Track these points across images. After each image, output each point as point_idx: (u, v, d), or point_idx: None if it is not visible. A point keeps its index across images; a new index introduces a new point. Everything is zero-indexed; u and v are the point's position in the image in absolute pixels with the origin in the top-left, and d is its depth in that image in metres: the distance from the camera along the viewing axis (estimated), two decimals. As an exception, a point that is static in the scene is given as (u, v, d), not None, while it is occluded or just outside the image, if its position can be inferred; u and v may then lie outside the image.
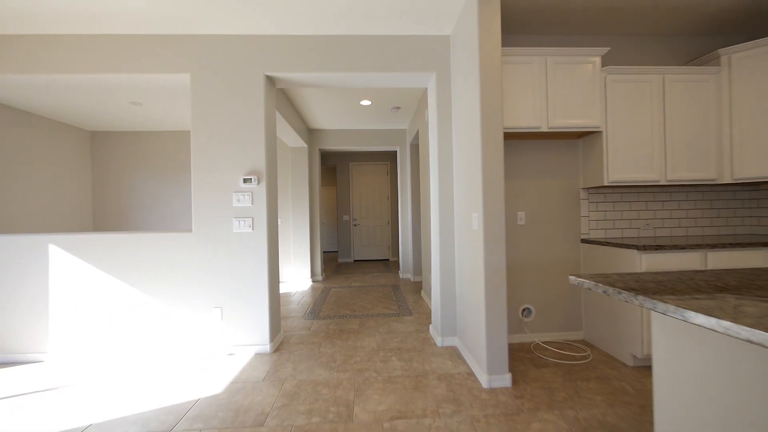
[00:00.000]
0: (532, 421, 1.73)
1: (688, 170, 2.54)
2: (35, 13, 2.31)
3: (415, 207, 5.39)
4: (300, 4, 2.29)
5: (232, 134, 2.66)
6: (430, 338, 2.92)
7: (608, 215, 2.79)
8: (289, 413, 1.85)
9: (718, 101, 2.54)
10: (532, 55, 2.43)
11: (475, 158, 2.20)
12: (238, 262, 2.66)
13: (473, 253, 2.29)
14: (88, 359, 2.60)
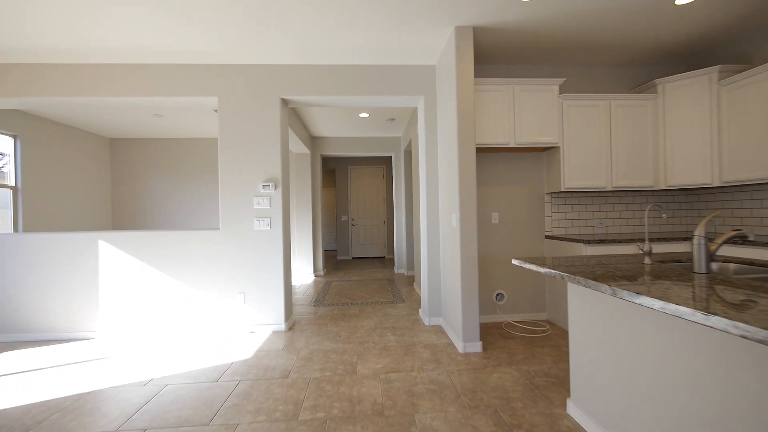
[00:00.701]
0: (493, 372, 2.27)
1: (630, 178, 3.09)
2: (90, 48, 2.80)
3: (408, 208, 5.92)
4: (311, 44, 2.81)
5: (253, 147, 3.17)
6: (420, 319, 3.45)
7: (567, 215, 3.34)
8: (307, 370, 2.37)
9: (655, 122, 3.10)
10: (502, 84, 2.97)
11: (453, 168, 2.74)
12: (258, 255, 3.17)
13: (452, 247, 2.82)
14: (132, 337, 3.10)
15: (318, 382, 2.19)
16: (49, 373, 2.39)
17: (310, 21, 2.49)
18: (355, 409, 1.88)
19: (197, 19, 2.43)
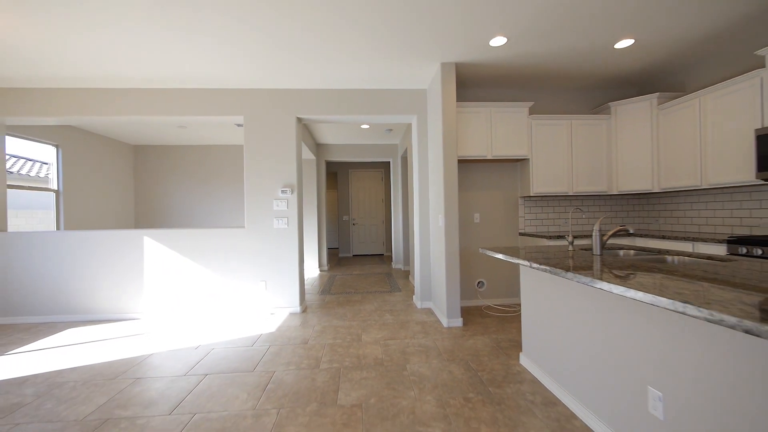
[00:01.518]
0: (469, 339, 2.88)
1: (588, 185, 3.71)
2: (131, 76, 3.40)
3: (404, 209, 6.53)
4: (323, 73, 3.42)
5: (273, 158, 3.78)
6: (413, 304, 4.06)
7: (537, 216, 3.96)
8: (322, 338, 2.97)
9: (608, 138, 3.72)
10: (480, 107, 3.59)
11: (439, 176, 3.35)
12: (277, 249, 3.77)
13: (439, 243, 3.43)
14: (171, 317, 3.69)
15: (331, 346, 2.80)
16: (112, 342, 2.98)
17: (325, 55, 3.09)
18: (361, 362, 2.49)
19: (228, 55, 3.03)
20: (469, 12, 2.41)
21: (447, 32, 2.69)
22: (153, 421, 1.82)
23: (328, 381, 2.23)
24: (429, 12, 2.40)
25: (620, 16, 2.51)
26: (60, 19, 2.40)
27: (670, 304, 0.97)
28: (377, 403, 1.96)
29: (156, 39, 2.69)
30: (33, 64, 3.07)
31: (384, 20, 2.50)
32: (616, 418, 1.55)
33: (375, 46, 2.89)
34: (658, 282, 1.18)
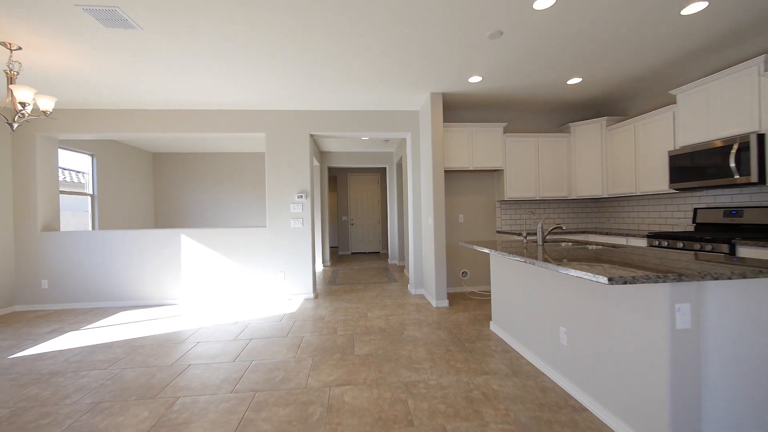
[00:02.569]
0: (452, 315, 3.63)
1: (552, 191, 4.50)
2: (176, 100, 4.09)
3: (399, 210, 7.28)
4: (333, 98, 4.15)
5: (290, 168, 4.49)
6: (408, 291, 4.80)
7: (512, 216, 4.74)
8: (335, 316, 3.70)
9: (568, 152, 4.52)
10: (463, 127, 4.35)
11: (429, 184, 4.10)
12: (294, 245, 4.48)
13: (429, 239, 4.19)
14: (204, 302, 4.38)
15: (344, 321, 3.53)
16: (164, 320, 3.67)
17: (338, 85, 3.83)
18: (369, 330, 3.22)
19: (259, 83, 3.75)
20: (452, 58, 3.17)
21: (435, 72, 3.44)
22: (223, 365, 2.53)
23: (345, 341, 2.96)
24: (422, 57, 3.16)
25: (568, 63, 3.29)
26: (128, 62, 3.10)
27: (566, 271, 1.72)
28: (383, 353, 2.70)
29: (202, 80, 3.40)
30: (93, 91, 3.74)
31: (388, 61, 3.25)
32: (543, 349, 2.31)
33: (380, 79, 3.63)
34: (569, 260, 1.94)
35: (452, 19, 2.49)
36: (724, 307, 1.47)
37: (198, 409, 1.97)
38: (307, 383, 2.24)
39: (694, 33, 2.80)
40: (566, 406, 1.92)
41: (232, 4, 2.28)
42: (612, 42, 2.89)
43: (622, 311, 1.66)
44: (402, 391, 2.11)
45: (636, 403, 1.59)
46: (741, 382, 1.49)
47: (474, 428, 1.74)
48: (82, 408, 2.00)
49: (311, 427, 1.78)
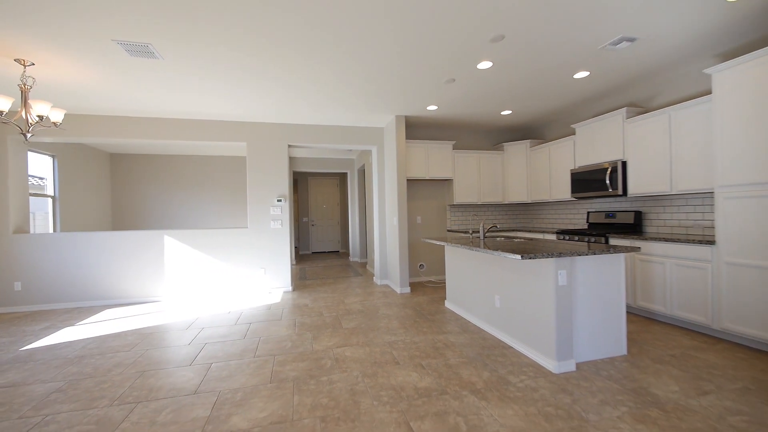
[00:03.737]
0: (414, 298, 4.48)
1: (490, 197, 5.58)
2: (167, 111, 4.42)
3: (360, 212, 8.01)
4: (310, 114, 4.77)
5: (270, 174, 5.00)
6: (374, 282, 5.57)
7: (459, 218, 5.75)
8: (317, 303, 4.33)
9: (502, 166, 5.64)
10: (421, 143, 5.23)
11: (394, 191, 4.91)
12: (273, 243, 5.00)
13: (394, 237, 4.99)
14: (188, 299, 4.70)
15: (326, 306, 4.18)
16: (156, 314, 3.99)
17: (314, 106, 4.47)
18: (349, 312, 3.93)
19: (240, 99, 4.26)
20: (416, 93, 4.02)
21: (402, 100, 4.26)
22: (237, 341, 3.07)
23: (333, 320, 3.63)
24: (392, 91, 3.95)
25: (501, 100, 4.31)
26: (131, 79, 3.46)
27: (496, 254, 2.61)
28: (366, 326, 3.43)
29: (196, 96, 3.84)
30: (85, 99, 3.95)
31: (363, 92, 3.99)
32: (483, 313, 3.23)
33: (355, 104, 4.35)
34: (500, 247, 2.85)
35: (420, 69, 3.32)
36: (584, 271, 2.47)
37: (232, 369, 2.53)
38: (313, 348, 2.90)
39: (582, 89, 3.96)
40: (499, 346, 2.83)
41: (238, 41, 2.86)
42: (530, 90, 3.95)
43: (531, 278, 2.60)
44: (387, 347, 2.87)
45: (537, 336, 2.53)
46: (592, 314, 2.50)
47: (440, 362, 2.56)
48: (131, 375, 2.45)
49: (327, 371, 2.46)
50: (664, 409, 1.89)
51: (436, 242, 3.62)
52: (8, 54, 2.83)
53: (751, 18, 2.59)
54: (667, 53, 3.14)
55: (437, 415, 1.90)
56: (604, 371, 2.35)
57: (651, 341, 2.85)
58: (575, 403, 1.98)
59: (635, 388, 2.12)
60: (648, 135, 3.61)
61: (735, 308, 2.72)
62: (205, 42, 2.72)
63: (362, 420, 1.86)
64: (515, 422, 1.81)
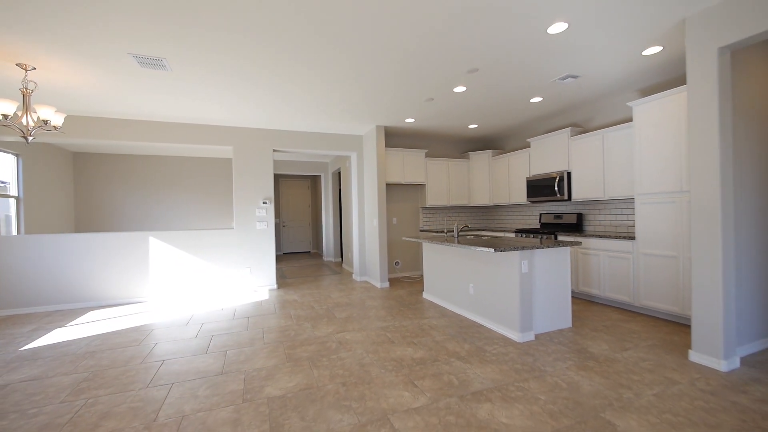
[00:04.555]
0: (394, 291, 4.96)
1: (458, 200, 6.23)
2: (159, 114, 4.51)
3: (335, 214, 8.36)
4: (294, 121, 5.09)
5: (256, 178, 5.22)
6: (354, 279, 5.97)
7: (431, 219, 6.34)
8: (305, 299, 4.66)
9: (468, 173, 6.32)
10: (398, 151, 5.74)
11: (374, 194, 5.36)
12: (259, 243, 5.23)
13: (373, 236, 5.45)
14: (174, 299, 4.79)
15: (315, 301, 4.53)
16: (145, 314, 4.10)
17: (303, 113, 4.80)
18: (338, 305, 4.32)
19: (232, 104, 4.50)
20: (397, 108, 4.51)
21: (383, 113, 4.73)
22: (242, 333, 3.34)
23: (325, 312, 4.01)
24: (376, 104, 4.41)
25: (470, 116, 4.94)
26: (128, 84, 3.60)
27: (472, 249, 3.16)
28: (357, 315, 3.85)
29: (189, 101, 4.02)
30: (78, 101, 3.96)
31: (349, 103, 4.41)
32: (459, 300, 3.79)
33: (339, 114, 4.75)
34: (476, 243, 3.41)
35: (407, 89, 3.82)
36: (540, 261, 3.11)
37: (248, 354, 2.84)
38: (315, 334, 3.27)
39: (537, 110, 4.70)
40: (474, 326, 3.40)
41: (237, 49, 3.18)
42: (494, 109, 4.62)
43: (500, 268, 3.19)
44: (380, 331, 3.32)
45: (505, 314, 3.13)
46: (546, 296, 3.15)
47: (428, 339, 3.06)
48: (153, 365, 2.67)
49: (334, 351, 2.86)
50: (598, 361, 2.54)
51: (419, 241, 4.14)
52: (10, 59, 2.89)
53: (659, 66, 3.40)
54: (601, 87, 3.93)
55: (434, 375, 2.39)
56: (556, 339, 2.99)
57: (589, 317, 3.58)
58: (536, 361, 2.57)
59: (578, 349, 2.77)
60: (587, 151, 4.41)
61: (649, 289, 3.53)
62: (207, 52, 2.99)
63: (375, 383, 2.30)
64: (493, 376, 2.35)
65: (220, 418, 1.93)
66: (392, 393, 2.16)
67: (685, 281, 3.23)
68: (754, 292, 2.67)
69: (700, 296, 2.48)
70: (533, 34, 2.70)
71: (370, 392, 2.18)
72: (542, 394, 2.12)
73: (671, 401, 2.00)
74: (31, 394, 2.25)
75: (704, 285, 2.45)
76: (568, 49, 2.97)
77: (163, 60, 2.96)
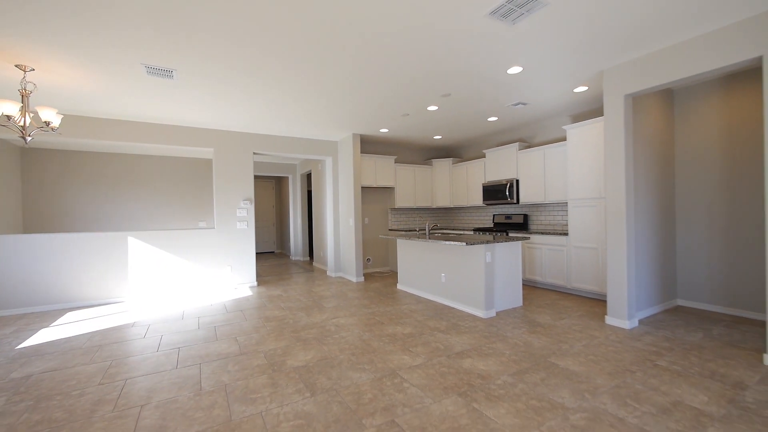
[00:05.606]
0: (370, 284, 5.49)
1: (423, 202, 6.94)
2: (136, 114, 4.57)
3: (303, 214, 8.64)
4: (273, 126, 5.40)
5: (236, 179, 5.42)
6: (329, 275, 6.39)
7: (399, 219, 6.97)
8: (289, 293, 5.00)
9: (431, 178, 7.05)
10: (372, 157, 6.27)
11: (350, 197, 5.84)
12: (239, 243, 5.44)
13: (349, 235, 5.92)
14: (154, 299, 4.84)
15: (299, 295, 4.90)
16: (131, 313, 4.17)
17: (285, 120, 5.14)
18: (322, 297, 4.74)
19: (210, 106, 4.73)
20: (374, 120, 5.06)
21: (360, 123, 5.25)
22: (242, 323, 3.64)
23: (313, 303, 4.41)
24: (354, 115, 4.91)
25: (436, 129, 5.64)
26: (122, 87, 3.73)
27: (446, 243, 3.81)
28: (343, 304, 4.31)
29: (172, 104, 4.20)
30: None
31: (327, 113, 4.86)
32: (432, 288, 4.44)
33: (317, 122, 5.17)
34: (443, 238, 4.06)
35: (387, 105, 4.39)
36: (499, 253, 3.86)
37: (257, 338, 3.19)
38: (312, 321, 3.69)
39: (492, 127, 5.55)
40: (446, 308, 4.05)
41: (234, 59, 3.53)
42: (458, 125, 5.37)
43: (467, 258, 3.88)
44: (369, 315, 3.84)
45: (472, 297, 3.83)
46: (503, 281, 3.91)
47: (412, 320, 3.64)
48: (170, 351, 2.92)
49: (335, 332, 3.32)
50: (543, 327, 3.32)
51: (394, 238, 4.72)
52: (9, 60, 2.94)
53: (586, 100, 4.36)
54: (544, 112, 4.84)
55: (423, 344, 2.97)
56: (512, 314, 3.76)
57: (535, 298, 4.44)
58: (499, 330, 3.28)
59: (528, 320, 3.54)
60: (532, 163, 5.33)
61: (578, 274, 4.47)
62: (207, 62, 3.30)
63: (378, 351, 2.82)
64: (469, 341, 3.00)
65: (259, 383, 2.33)
66: (394, 357, 2.71)
67: (603, 267, 4.20)
68: (646, 273, 3.66)
69: (612, 277, 3.37)
70: (497, 73, 3.43)
71: (377, 358, 2.70)
72: (506, 350, 2.81)
73: (593, 348, 2.80)
74: (62, 381, 2.42)
75: (615, 269, 3.34)
76: (520, 84, 3.75)
77: (174, 72, 3.19)
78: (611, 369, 2.44)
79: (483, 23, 2.53)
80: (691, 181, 3.92)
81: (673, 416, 1.88)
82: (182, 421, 1.92)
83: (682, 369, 2.42)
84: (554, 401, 2.05)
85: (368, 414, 1.95)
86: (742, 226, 3.57)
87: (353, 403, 2.07)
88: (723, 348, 2.77)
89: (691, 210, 3.92)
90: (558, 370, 2.45)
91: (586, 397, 2.09)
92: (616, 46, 2.95)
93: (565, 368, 2.47)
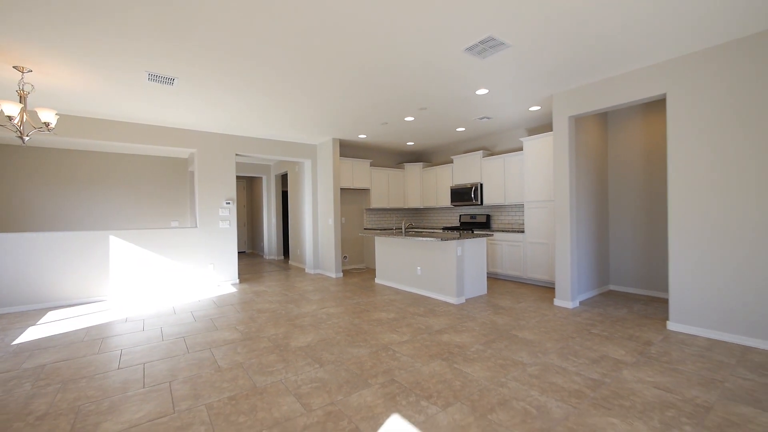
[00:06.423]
0: (349, 280, 5.89)
1: (395, 203, 7.45)
2: (123, 114, 4.63)
3: (278, 214, 8.81)
4: (254, 129, 5.64)
5: (219, 180, 5.58)
6: (308, 273, 6.68)
7: (374, 219, 7.42)
8: (273, 289, 5.26)
9: (403, 180, 7.59)
10: (349, 160, 6.67)
11: (329, 198, 6.20)
12: (222, 241, 5.60)
13: (328, 234, 6.28)
14: (137, 297, 4.89)
15: (283, 290, 5.18)
16: (118, 310, 4.25)
17: (271, 123, 5.41)
18: (306, 292, 5.07)
19: (194, 109, 4.92)
20: (354, 127, 5.48)
21: (340, 128, 5.64)
22: (237, 315, 3.90)
23: (299, 297, 4.74)
24: (335, 122, 5.31)
25: (410, 136, 6.17)
26: (116, 87, 3.85)
27: (423, 240, 4.32)
28: (328, 297, 4.69)
29: (166, 109, 4.36)
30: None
31: (311, 119, 5.22)
32: (409, 281, 4.95)
33: (299, 126, 5.49)
34: (418, 235, 4.58)
35: (368, 115, 4.83)
36: (468, 248, 4.46)
37: (256, 327, 3.48)
38: (302, 311, 4.03)
39: (460, 136, 6.19)
40: (423, 297, 4.57)
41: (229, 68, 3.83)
42: (430, 133, 5.94)
43: (441, 252, 4.43)
44: (354, 305, 4.25)
45: (445, 286, 4.37)
46: (471, 273, 4.51)
47: (394, 307, 4.11)
48: (176, 340, 3.14)
49: (326, 320, 3.70)
50: (505, 309, 3.94)
51: (372, 235, 5.16)
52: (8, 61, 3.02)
53: (539, 117, 5.10)
54: (505, 125, 5.54)
55: (407, 325, 3.46)
56: (479, 300, 4.36)
57: (497, 287, 5.10)
58: (468, 313, 3.85)
59: (493, 305, 4.16)
60: (494, 169, 6.03)
61: (533, 266, 5.20)
62: (207, 71, 3.57)
63: (369, 333, 3.26)
64: (445, 322, 3.53)
65: (271, 359, 2.67)
66: (385, 336, 3.16)
67: (553, 259, 4.94)
68: (586, 264, 4.42)
69: (559, 266, 4.06)
70: (468, 93, 4.00)
71: (369, 337, 3.14)
72: (476, 327, 3.37)
73: (544, 323, 3.44)
74: (79, 368, 2.60)
75: (561, 260, 4.04)
76: (486, 102, 4.37)
77: (175, 80, 3.41)
78: (557, 337, 3.08)
79: (460, 56, 3.06)
80: (620, 186, 4.77)
81: (600, 364, 2.52)
82: (213, 390, 2.24)
83: (609, 334, 3.11)
84: (515, 360, 2.62)
85: (371, 376, 2.39)
86: (658, 224, 4.45)
87: (357, 369, 2.50)
88: (640, 319, 3.53)
89: (621, 211, 4.77)
90: (517, 339, 3.04)
91: (539, 356, 2.68)
92: (562, 78, 3.63)
93: (523, 338, 3.06)
